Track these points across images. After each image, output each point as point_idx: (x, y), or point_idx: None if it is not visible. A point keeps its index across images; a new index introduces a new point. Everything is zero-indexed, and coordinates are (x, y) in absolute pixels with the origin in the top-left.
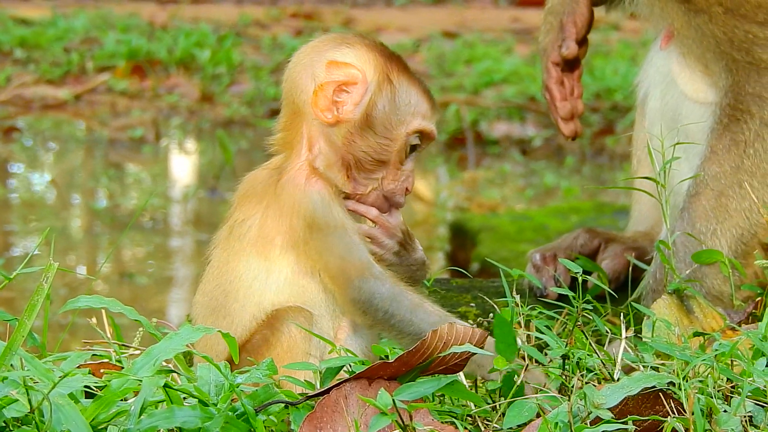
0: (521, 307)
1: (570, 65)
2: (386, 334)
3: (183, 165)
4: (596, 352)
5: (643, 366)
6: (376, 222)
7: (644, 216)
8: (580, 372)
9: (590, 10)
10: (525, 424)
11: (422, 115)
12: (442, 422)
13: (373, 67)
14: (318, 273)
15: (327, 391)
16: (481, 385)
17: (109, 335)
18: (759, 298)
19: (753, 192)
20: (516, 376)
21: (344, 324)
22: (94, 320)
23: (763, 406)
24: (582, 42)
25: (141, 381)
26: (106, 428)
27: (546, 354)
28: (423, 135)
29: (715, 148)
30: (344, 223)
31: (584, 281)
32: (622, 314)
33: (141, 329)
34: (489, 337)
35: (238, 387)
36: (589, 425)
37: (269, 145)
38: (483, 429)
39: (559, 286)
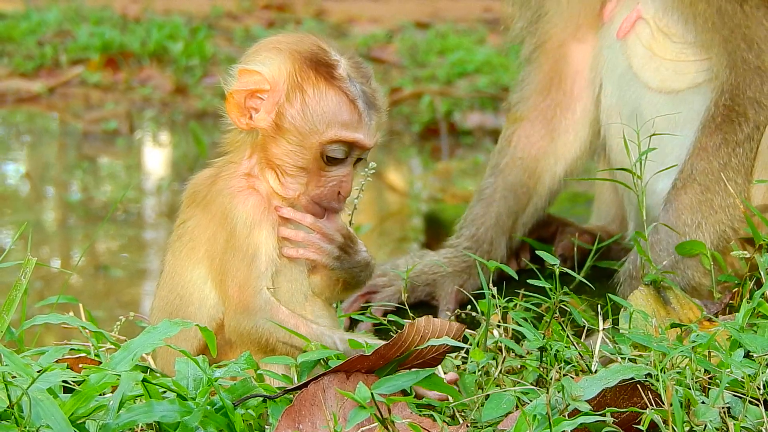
0: (498, 298)
1: None
2: None
3: (157, 157)
4: (574, 344)
5: (621, 358)
6: (312, 228)
7: (603, 212)
8: (558, 364)
9: None
10: (503, 417)
11: (340, 124)
12: (420, 415)
13: (286, 76)
14: (217, 291)
15: (305, 385)
16: None
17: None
18: (735, 289)
19: (737, 189)
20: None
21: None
22: (71, 314)
23: (741, 397)
24: None
25: (119, 375)
26: (84, 423)
27: (523, 346)
28: (348, 144)
29: (705, 145)
30: (257, 250)
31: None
32: (599, 306)
33: (118, 323)
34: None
35: (216, 381)
36: (567, 417)
37: (219, 145)
38: (461, 422)
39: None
